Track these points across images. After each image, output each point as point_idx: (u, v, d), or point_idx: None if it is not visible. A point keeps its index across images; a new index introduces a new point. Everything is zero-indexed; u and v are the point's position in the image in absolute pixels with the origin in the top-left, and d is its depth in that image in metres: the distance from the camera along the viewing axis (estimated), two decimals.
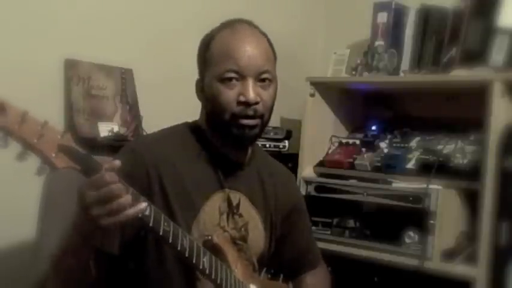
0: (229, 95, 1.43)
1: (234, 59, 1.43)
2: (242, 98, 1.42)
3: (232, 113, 1.43)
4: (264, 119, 1.47)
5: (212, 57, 1.47)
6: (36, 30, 1.97)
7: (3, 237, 1.89)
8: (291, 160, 2.37)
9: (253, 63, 1.44)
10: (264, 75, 1.45)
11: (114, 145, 1.96)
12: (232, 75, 1.43)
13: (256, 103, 1.43)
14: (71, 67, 2.06)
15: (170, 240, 1.25)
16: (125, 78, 2.21)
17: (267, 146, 2.41)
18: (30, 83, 1.93)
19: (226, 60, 1.43)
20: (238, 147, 1.51)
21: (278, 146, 2.45)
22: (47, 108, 1.94)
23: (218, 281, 1.34)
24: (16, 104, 1.06)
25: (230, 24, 1.50)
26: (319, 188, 2.34)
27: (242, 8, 1.70)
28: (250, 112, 1.43)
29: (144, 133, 2.16)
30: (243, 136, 1.45)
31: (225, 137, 1.47)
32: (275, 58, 1.53)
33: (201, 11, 2.38)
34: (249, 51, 1.44)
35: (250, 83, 1.43)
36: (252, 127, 1.45)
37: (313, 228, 2.26)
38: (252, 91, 1.42)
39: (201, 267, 1.31)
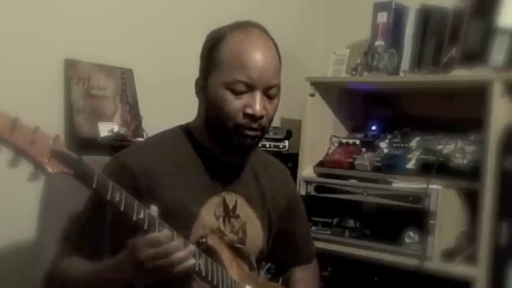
0: (236, 104, 1.39)
1: (246, 70, 1.39)
2: (249, 111, 1.39)
3: (236, 123, 1.40)
4: (264, 130, 1.45)
5: (221, 60, 1.41)
6: (36, 30, 1.97)
7: (3, 237, 1.89)
8: (291, 160, 2.36)
9: (265, 77, 1.40)
10: (272, 90, 1.43)
11: (114, 145, 1.96)
12: (242, 86, 1.39)
13: (262, 117, 1.41)
14: (71, 67, 2.06)
15: None
16: (125, 78, 2.21)
17: (267, 146, 2.42)
18: (30, 83, 1.94)
19: (237, 69, 1.39)
20: (236, 154, 1.48)
21: (278, 146, 2.45)
22: (47, 108, 1.97)
23: (214, 283, 1.34)
24: (16, 104, 1.06)
25: (243, 27, 1.44)
26: (319, 188, 2.34)
27: (242, 8, 1.70)
28: (255, 125, 1.41)
29: (144, 133, 2.16)
30: (242, 145, 1.43)
31: (224, 143, 1.44)
32: (281, 65, 1.49)
33: (202, 11, 2.38)
34: (261, 63, 1.40)
35: (258, 96, 1.39)
36: (253, 137, 1.43)
37: (313, 228, 2.27)
38: (259, 105, 1.39)
39: (197, 269, 1.30)
